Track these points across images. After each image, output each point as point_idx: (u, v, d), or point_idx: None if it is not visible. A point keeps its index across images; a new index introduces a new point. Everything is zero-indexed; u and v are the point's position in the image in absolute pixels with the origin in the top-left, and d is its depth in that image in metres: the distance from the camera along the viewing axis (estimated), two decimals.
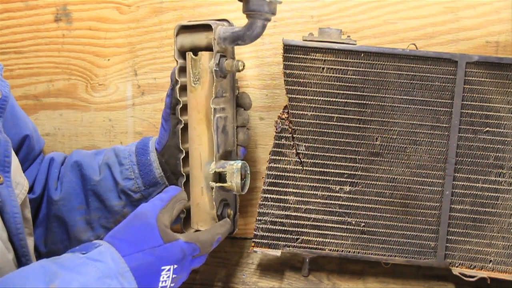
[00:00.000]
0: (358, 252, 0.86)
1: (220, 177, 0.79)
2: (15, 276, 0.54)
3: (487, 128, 0.82)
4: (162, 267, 0.64)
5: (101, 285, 0.56)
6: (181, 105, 0.80)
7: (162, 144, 0.84)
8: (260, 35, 0.73)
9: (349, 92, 0.83)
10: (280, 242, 0.87)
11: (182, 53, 0.80)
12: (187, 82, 0.78)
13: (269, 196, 0.86)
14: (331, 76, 0.82)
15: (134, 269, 0.61)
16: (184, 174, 0.81)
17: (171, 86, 0.82)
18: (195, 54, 0.76)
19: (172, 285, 0.66)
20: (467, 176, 0.83)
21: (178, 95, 0.80)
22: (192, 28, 0.79)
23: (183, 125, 0.80)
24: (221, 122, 0.79)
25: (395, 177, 0.84)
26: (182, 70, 0.80)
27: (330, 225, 0.86)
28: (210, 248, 0.73)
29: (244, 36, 0.73)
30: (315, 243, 0.86)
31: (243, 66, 0.77)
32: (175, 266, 0.66)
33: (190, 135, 0.79)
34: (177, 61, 0.80)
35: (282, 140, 0.85)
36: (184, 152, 0.81)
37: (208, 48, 0.77)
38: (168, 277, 0.65)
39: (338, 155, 0.84)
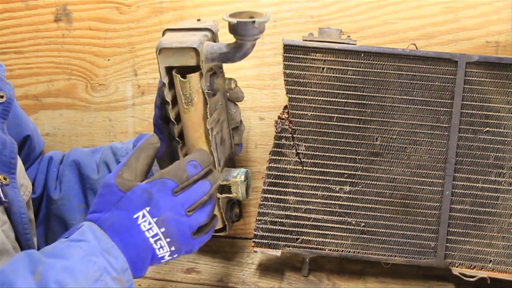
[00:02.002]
0: (358, 252, 0.86)
1: (224, 186, 0.78)
2: (5, 269, 0.54)
3: (487, 128, 0.82)
4: (134, 216, 0.60)
5: (86, 264, 0.55)
6: (176, 126, 0.75)
7: (160, 152, 0.83)
8: (250, 53, 0.70)
9: (349, 92, 0.83)
10: (280, 242, 0.87)
11: (169, 70, 0.73)
12: (179, 103, 0.74)
13: (269, 196, 0.86)
14: (331, 76, 0.82)
15: (110, 230, 0.59)
16: None
17: (159, 99, 0.78)
18: (183, 74, 0.71)
19: (162, 230, 0.61)
20: (467, 176, 0.83)
21: (170, 116, 0.74)
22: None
23: (180, 144, 0.77)
24: (219, 136, 0.78)
25: (395, 177, 0.84)
26: (171, 86, 0.74)
27: (330, 225, 0.86)
28: (183, 173, 0.64)
29: (234, 58, 0.69)
30: (315, 243, 0.86)
31: (235, 84, 0.73)
32: (148, 208, 0.61)
33: (189, 152, 0.77)
34: (165, 84, 0.72)
35: (282, 140, 0.85)
36: None
37: (197, 67, 0.71)
38: (149, 223, 0.60)
39: (338, 155, 0.84)
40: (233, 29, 0.66)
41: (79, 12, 0.97)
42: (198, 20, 0.77)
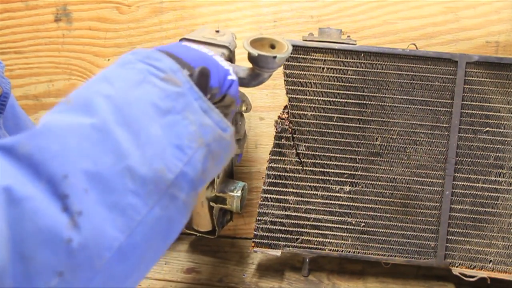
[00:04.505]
0: (358, 252, 0.86)
1: (219, 197, 0.79)
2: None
3: (487, 128, 0.82)
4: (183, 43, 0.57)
5: (124, 70, 0.46)
6: None
7: None
8: (265, 81, 0.70)
9: (349, 92, 0.83)
10: (280, 242, 0.87)
11: None
12: None
13: (269, 196, 0.86)
14: (331, 76, 0.82)
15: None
16: None
17: None
18: None
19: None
20: (467, 176, 0.83)
21: None
22: None
23: None
24: None
25: (395, 177, 0.84)
26: None
27: (330, 225, 0.86)
28: None
29: (249, 84, 0.69)
30: (315, 243, 0.86)
31: (246, 107, 0.74)
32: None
33: None
34: None
35: (282, 140, 0.85)
36: None
37: None
38: (202, 48, 0.59)
39: (338, 155, 0.84)
40: (253, 60, 0.65)
41: (79, 12, 0.97)
42: (217, 31, 0.76)
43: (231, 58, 0.73)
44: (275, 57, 0.63)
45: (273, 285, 0.88)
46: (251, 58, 0.65)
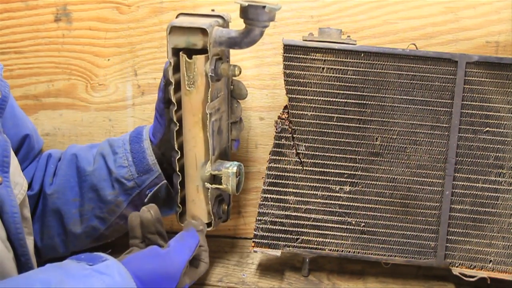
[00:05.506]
0: (358, 252, 0.86)
1: (215, 177, 0.79)
2: (23, 279, 0.55)
3: (487, 128, 0.82)
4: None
5: None
6: (176, 107, 0.77)
7: (158, 137, 0.84)
8: (257, 41, 0.71)
9: (349, 92, 0.83)
10: (280, 242, 0.87)
11: (176, 52, 0.76)
12: (182, 84, 0.76)
13: (269, 196, 0.86)
14: (331, 76, 0.83)
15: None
16: (179, 174, 0.81)
17: (164, 81, 0.80)
18: (189, 56, 0.74)
19: None
20: (467, 176, 0.83)
21: (172, 97, 0.77)
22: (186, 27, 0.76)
23: (177, 127, 0.79)
24: (216, 124, 0.79)
25: (395, 177, 0.84)
26: (176, 69, 0.77)
27: (330, 225, 0.86)
28: None
29: (241, 43, 0.71)
30: (315, 243, 0.86)
31: (240, 71, 0.75)
32: None
33: (185, 136, 0.78)
34: (170, 63, 0.76)
35: (282, 140, 0.85)
36: (179, 153, 0.80)
37: (203, 50, 0.74)
38: None
39: (338, 155, 0.84)
40: (244, 12, 0.67)
41: (79, 12, 0.97)
42: (212, 10, 0.80)
43: (224, 27, 0.76)
44: (264, 6, 0.66)
45: (273, 285, 0.88)
46: (241, 11, 0.67)
